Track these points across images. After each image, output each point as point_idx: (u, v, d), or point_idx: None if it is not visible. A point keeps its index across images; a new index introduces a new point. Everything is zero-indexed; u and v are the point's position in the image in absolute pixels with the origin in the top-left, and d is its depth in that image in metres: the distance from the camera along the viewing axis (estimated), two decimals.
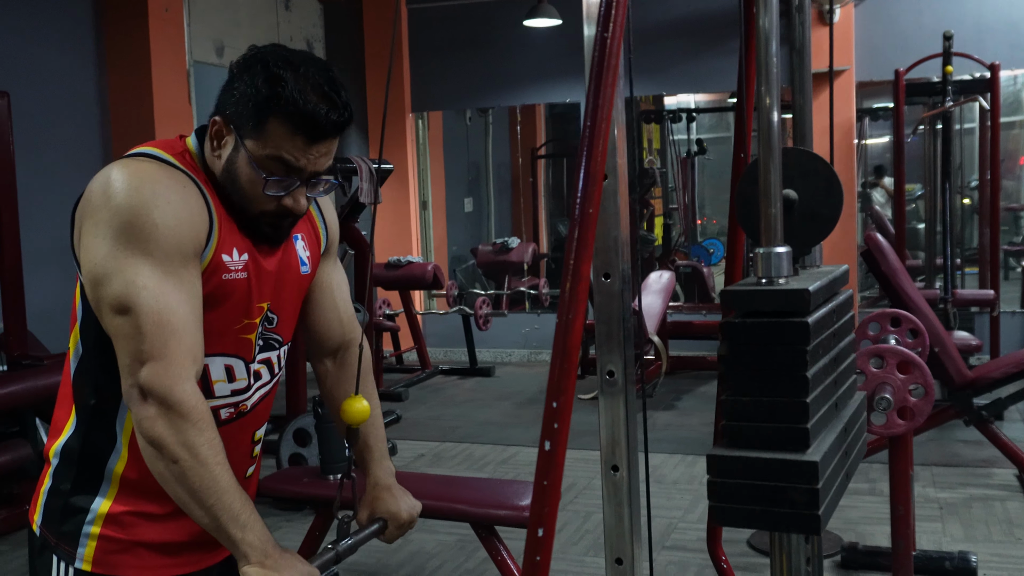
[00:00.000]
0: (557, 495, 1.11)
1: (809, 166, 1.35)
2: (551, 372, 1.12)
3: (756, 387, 1.19)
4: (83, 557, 1.45)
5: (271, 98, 1.37)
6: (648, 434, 5.46)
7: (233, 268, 1.43)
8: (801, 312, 1.17)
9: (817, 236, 1.37)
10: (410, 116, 8.36)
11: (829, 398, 1.26)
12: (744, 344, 1.20)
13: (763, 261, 1.23)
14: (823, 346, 1.23)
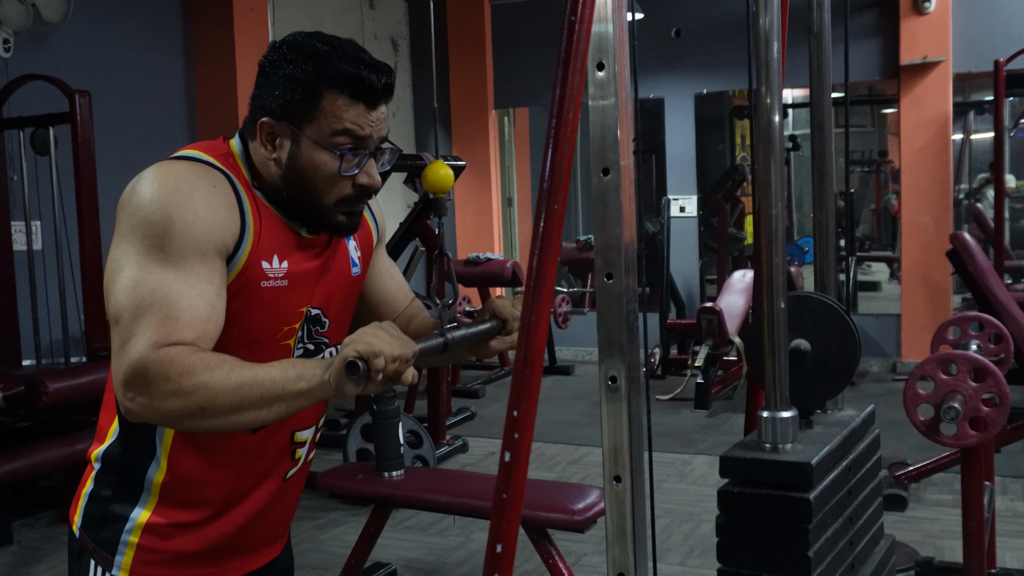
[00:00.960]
0: (518, 509, 1.05)
1: (823, 314, 1.27)
2: (513, 379, 1.07)
3: (754, 561, 1.12)
4: (120, 565, 1.44)
5: (320, 75, 1.35)
6: (722, 438, 5.41)
7: (273, 276, 1.39)
8: (803, 486, 1.10)
9: (831, 390, 1.28)
10: (493, 113, 8.34)
11: (842, 562, 1.18)
12: (742, 515, 1.13)
13: (767, 426, 1.15)
14: (832, 513, 1.16)
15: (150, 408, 1.24)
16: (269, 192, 1.43)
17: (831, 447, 1.16)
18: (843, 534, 1.18)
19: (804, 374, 1.26)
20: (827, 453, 1.14)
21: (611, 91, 1.28)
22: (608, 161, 1.29)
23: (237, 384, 1.22)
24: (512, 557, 1.05)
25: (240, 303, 1.37)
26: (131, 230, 1.30)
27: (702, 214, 7.83)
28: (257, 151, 1.42)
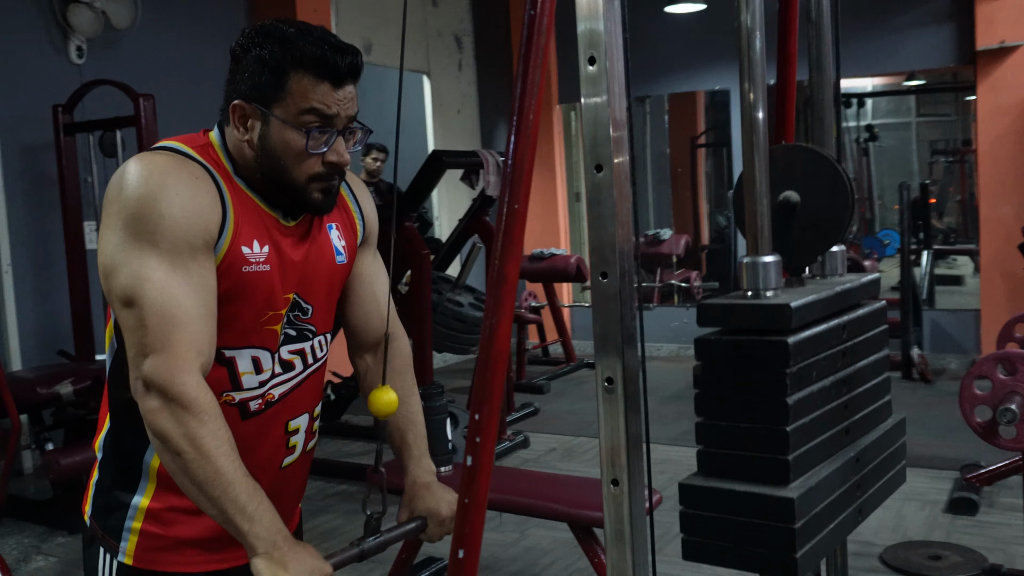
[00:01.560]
0: (481, 514, 1.03)
1: (813, 164, 1.21)
2: (474, 382, 1.05)
3: (732, 412, 1.07)
4: (125, 551, 1.48)
5: (287, 56, 1.39)
6: None
7: (254, 260, 1.42)
8: (781, 330, 1.05)
9: (822, 243, 1.22)
10: (557, 108, 8.31)
11: (833, 424, 1.12)
12: (719, 364, 1.09)
13: (748, 272, 1.10)
14: (820, 367, 1.10)
15: (149, 412, 1.32)
16: (248, 179, 1.47)
17: (818, 297, 1.10)
18: (835, 394, 1.12)
19: (795, 227, 1.20)
20: (812, 301, 1.08)
21: (602, 86, 1.26)
22: (601, 158, 1.26)
23: (212, 474, 1.30)
24: (476, 562, 1.04)
25: (226, 288, 1.41)
26: (122, 223, 1.34)
27: None
28: (231, 135, 1.46)
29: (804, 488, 1.03)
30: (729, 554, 1.06)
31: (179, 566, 1.49)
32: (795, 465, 1.04)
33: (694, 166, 9.63)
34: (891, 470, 1.26)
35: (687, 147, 9.56)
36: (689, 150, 9.57)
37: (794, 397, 1.04)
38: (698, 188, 9.58)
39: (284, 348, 1.51)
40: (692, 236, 9.20)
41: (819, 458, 1.09)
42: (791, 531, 1.00)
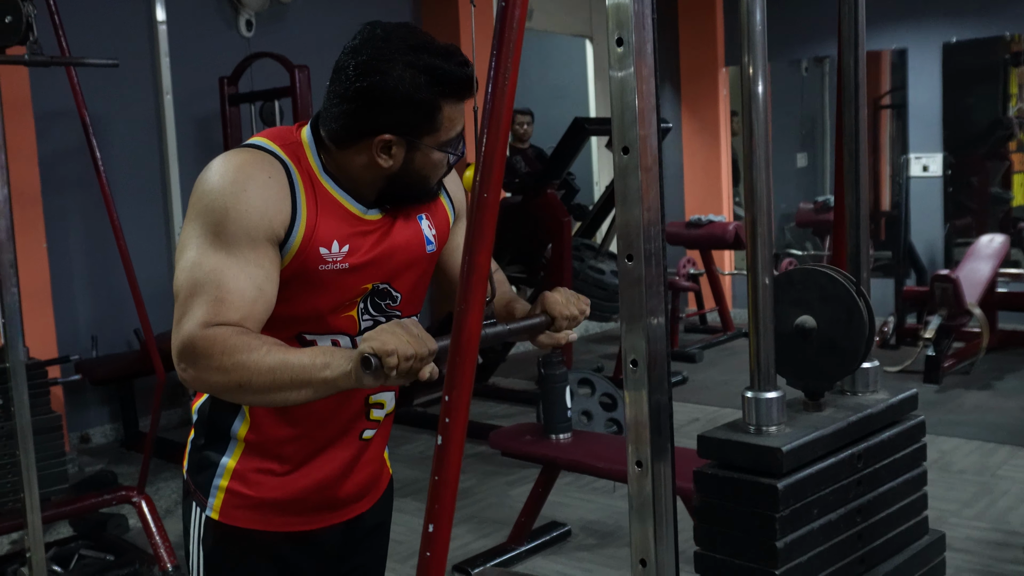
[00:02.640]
0: (451, 492, 1.06)
1: (829, 289, 1.15)
2: (447, 365, 1.07)
3: (727, 547, 1.06)
4: (212, 507, 1.59)
5: (439, 90, 1.44)
6: (949, 416, 5.08)
7: (331, 260, 1.47)
8: (772, 473, 1.02)
9: (839, 371, 1.16)
10: (723, 71, 8.09)
11: (842, 557, 1.08)
12: (714, 498, 1.07)
13: (749, 407, 1.08)
14: (824, 503, 1.06)
15: (197, 379, 1.37)
16: (337, 176, 1.51)
17: (823, 432, 1.07)
18: (845, 527, 1.09)
19: (810, 353, 1.17)
20: (813, 439, 1.05)
21: (629, 67, 1.24)
22: (628, 140, 1.25)
23: (271, 367, 1.31)
24: (446, 538, 1.07)
25: (299, 285, 1.47)
26: (196, 215, 1.43)
27: (949, 173, 7.22)
28: (356, 160, 1.49)
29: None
30: None
31: (261, 524, 1.59)
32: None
33: (876, 129, 9.16)
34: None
35: (871, 109, 9.11)
36: (872, 112, 9.12)
37: (786, 540, 1.02)
38: (880, 152, 9.12)
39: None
40: (872, 202, 8.79)
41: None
42: None
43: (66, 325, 5.08)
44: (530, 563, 3.48)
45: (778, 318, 1.19)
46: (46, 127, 4.90)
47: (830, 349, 1.15)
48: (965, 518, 3.73)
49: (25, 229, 4.78)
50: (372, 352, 1.25)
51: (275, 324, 1.47)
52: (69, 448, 5.00)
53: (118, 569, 3.40)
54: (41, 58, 2.92)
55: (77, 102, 3.44)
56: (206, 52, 5.59)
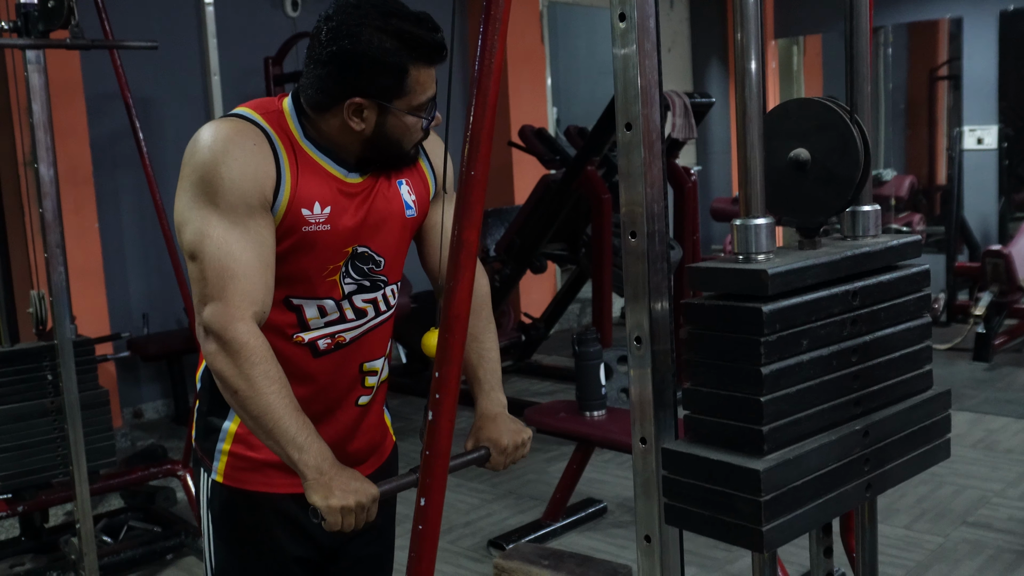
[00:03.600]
0: (443, 466, 1.08)
1: (824, 118, 1.13)
2: (438, 342, 1.08)
3: (715, 379, 1.04)
4: (217, 470, 1.66)
5: (406, 53, 1.49)
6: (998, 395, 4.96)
7: (314, 221, 1.54)
8: (757, 297, 1.01)
9: (835, 203, 1.14)
10: (773, 43, 7.96)
11: (835, 396, 1.07)
12: (702, 329, 1.06)
13: (739, 235, 1.07)
14: (814, 335, 1.04)
15: (216, 361, 1.46)
16: (317, 141, 1.57)
17: (814, 262, 1.05)
18: (838, 365, 1.06)
19: (806, 186, 1.15)
20: (802, 266, 1.03)
21: (632, 43, 1.24)
22: (630, 116, 1.25)
23: (265, 407, 1.44)
24: (439, 511, 1.09)
25: (287, 247, 1.54)
26: (191, 184, 1.50)
27: (1005, 146, 7.04)
28: (332, 123, 1.55)
29: (779, 460, 1.00)
30: (706, 522, 1.05)
31: (263, 486, 1.65)
32: (771, 436, 1.00)
33: (932, 100, 8.96)
34: (921, 445, 1.18)
35: (926, 81, 8.91)
36: (927, 83, 8.92)
37: (772, 367, 1.00)
38: (936, 124, 8.92)
39: (358, 297, 1.62)
40: (927, 176, 8.61)
41: (811, 430, 1.05)
42: (757, 503, 0.98)
43: (118, 303, 5.21)
44: (565, 539, 3.51)
45: (773, 151, 1.17)
46: (97, 108, 5.01)
47: (825, 181, 1.13)
48: (1009, 498, 3.67)
49: (77, 209, 4.90)
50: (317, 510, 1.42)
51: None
52: (122, 423, 5.14)
53: (164, 540, 3.49)
54: (82, 41, 2.98)
55: (120, 84, 3.51)
56: (252, 33, 5.66)
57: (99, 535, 3.56)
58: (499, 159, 6.66)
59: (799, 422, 1.05)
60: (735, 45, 1.07)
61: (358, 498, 1.41)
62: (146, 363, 5.28)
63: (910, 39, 8.74)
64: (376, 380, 1.70)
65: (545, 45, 7.00)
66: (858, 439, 1.10)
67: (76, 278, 4.71)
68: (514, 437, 1.67)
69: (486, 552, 3.43)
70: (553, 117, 7.76)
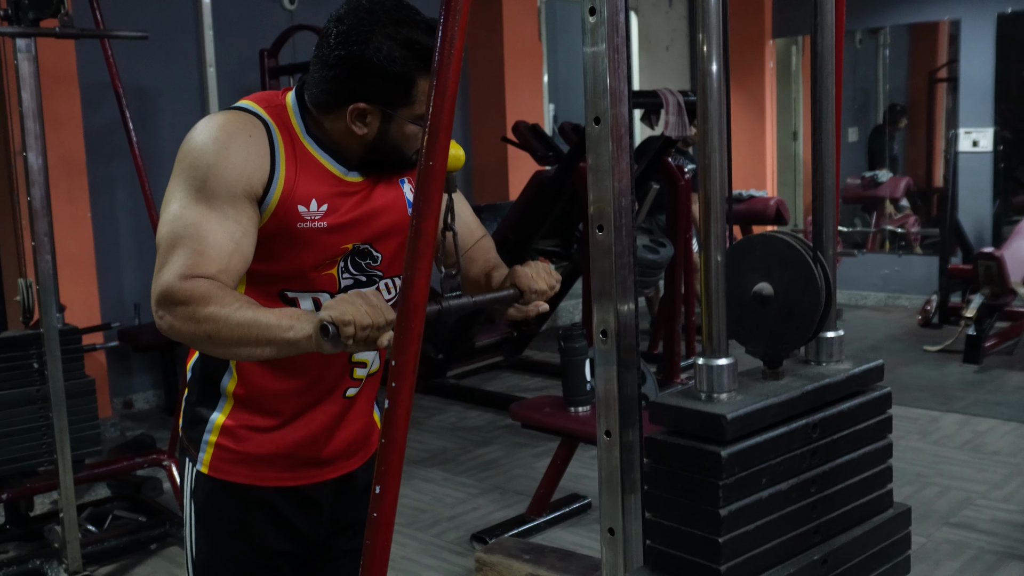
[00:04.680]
0: (398, 454, 1.08)
1: (786, 255, 1.14)
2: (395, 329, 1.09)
3: (675, 514, 1.06)
4: (202, 461, 1.65)
5: (414, 63, 1.47)
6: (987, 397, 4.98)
7: (309, 218, 1.52)
8: (717, 439, 1.02)
9: (797, 337, 1.15)
10: (770, 43, 7.96)
11: (794, 527, 1.09)
12: (664, 464, 1.07)
13: (700, 374, 1.08)
14: (774, 472, 1.06)
15: (172, 327, 1.42)
16: (320, 138, 1.56)
17: (775, 400, 1.06)
18: (797, 497, 1.08)
19: (768, 320, 1.16)
20: (763, 406, 1.05)
21: (602, 37, 1.25)
22: (599, 110, 1.26)
23: (239, 322, 1.37)
24: (394, 499, 1.09)
25: (280, 242, 1.52)
26: (180, 172, 1.49)
27: (1000, 149, 7.04)
28: (337, 126, 1.54)
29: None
30: None
31: (249, 479, 1.64)
32: (731, 574, 1.02)
33: (931, 102, 8.97)
34: (881, 566, 1.20)
35: (923, 82, 8.92)
36: (927, 85, 8.93)
37: (730, 508, 1.02)
38: (935, 127, 8.92)
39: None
40: (924, 178, 8.61)
41: (769, 563, 1.07)
42: None
43: (110, 293, 5.21)
44: (549, 534, 3.51)
45: (738, 284, 1.19)
46: (93, 98, 5.01)
47: (787, 316, 1.15)
48: (993, 500, 3.68)
49: (71, 198, 4.90)
50: (330, 320, 1.30)
51: (259, 281, 1.54)
52: (112, 413, 5.15)
53: (149, 530, 3.50)
54: (72, 30, 2.98)
55: (111, 74, 3.51)
56: (249, 24, 5.65)
57: (84, 524, 3.57)
58: (494, 155, 6.67)
59: (757, 557, 1.06)
60: (697, 48, 1.07)
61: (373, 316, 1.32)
62: (138, 353, 5.29)
63: (910, 41, 8.74)
64: (365, 372, 1.69)
65: (543, 42, 7.00)
66: (817, 568, 1.11)
67: (68, 268, 4.71)
68: (550, 278, 1.62)
69: (469, 546, 3.44)
70: (550, 114, 7.77)
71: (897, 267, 7.48)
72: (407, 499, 3.91)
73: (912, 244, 7.84)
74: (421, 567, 3.35)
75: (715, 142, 1.08)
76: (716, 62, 1.06)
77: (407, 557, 3.41)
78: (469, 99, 6.85)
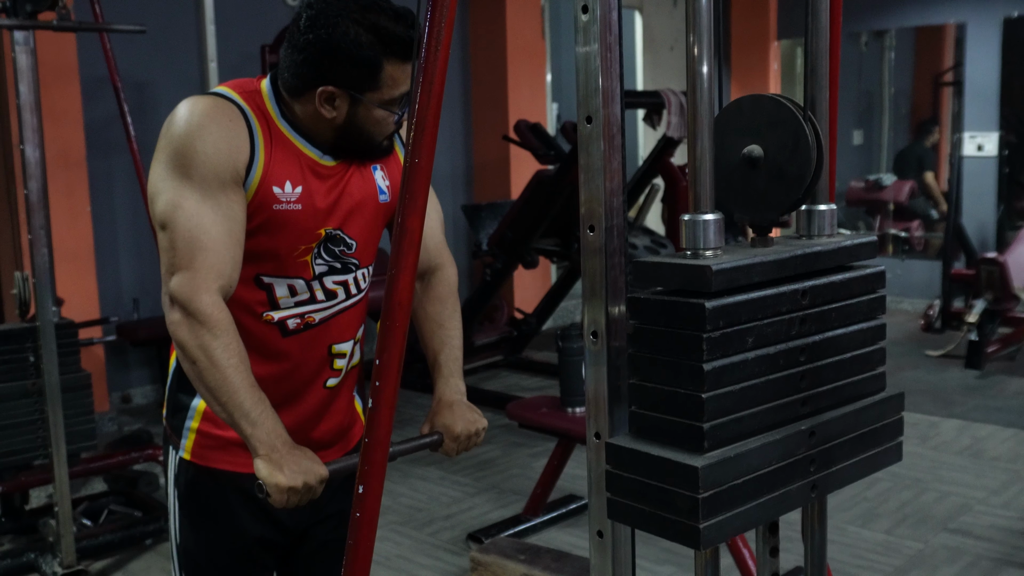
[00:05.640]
0: (382, 454, 1.07)
1: (776, 115, 1.12)
2: (379, 329, 1.08)
3: (659, 374, 1.03)
4: (184, 448, 1.66)
5: (381, 48, 1.50)
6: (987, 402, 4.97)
7: (285, 200, 1.55)
8: (700, 292, 1.00)
9: (786, 200, 1.13)
10: (775, 44, 7.94)
11: (781, 395, 1.06)
12: (647, 323, 1.05)
13: (687, 230, 1.05)
14: (760, 333, 1.03)
15: (177, 330, 1.47)
16: (294, 122, 1.58)
17: (761, 259, 1.03)
18: (785, 364, 1.06)
19: (758, 183, 1.14)
20: (748, 264, 1.01)
21: (594, 35, 1.23)
22: (590, 109, 1.24)
23: (224, 380, 1.44)
24: (377, 499, 1.08)
25: (258, 224, 1.55)
26: (166, 158, 1.51)
27: (1005, 153, 7.02)
28: (306, 108, 1.56)
29: (719, 458, 0.99)
30: (646, 518, 1.04)
31: (229, 465, 1.65)
32: (712, 433, 1.00)
33: (937, 106, 8.94)
34: (871, 448, 1.17)
35: (929, 86, 8.89)
36: (932, 88, 8.91)
37: (714, 364, 0.99)
38: (941, 130, 8.89)
39: (329, 279, 1.62)
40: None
41: (754, 428, 1.04)
42: (695, 500, 0.97)
43: (108, 287, 5.20)
44: (544, 535, 3.50)
45: (726, 148, 1.16)
46: (93, 92, 5.00)
47: (777, 177, 1.12)
48: (992, 506, 3.66)
49: (69, 192, 4.89)
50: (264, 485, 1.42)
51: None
52: (110, 408, 5.14)
53: (144, 525, 3.49)
54: (69, 23, 2.97)
55: (110, 67, 3.50)
56: (251, 19, 5.64)
57: (79, 518, 3.56)
58: (495, 153, 6.65)
59: (741, 420, 1.04)
60: (687, 48, 1.06)
61: (306, 478, 1.42)
62: (136, 348, 5.28)
63: (915, 43, 8.72)
64: (345, 363, 1.70)
65: (546, 40, 6.98)
66: (804, 439, 1.09)
67: (66, 261, 4.70)
68: (468, 426, 1.67)
69: (465, 545, 3.43)
70: (553, 113, 7.75)
71: (900, 271, 7.46)
72: (403, 497, 3.90)
73: (915, 247, 7.82)
74: (416, 566, 3.34)
75: (705, 143, 1.06)
76: (707, 63, 1.04)
77: (402, 556, 3.40)
78: (471, 97, 6.84)
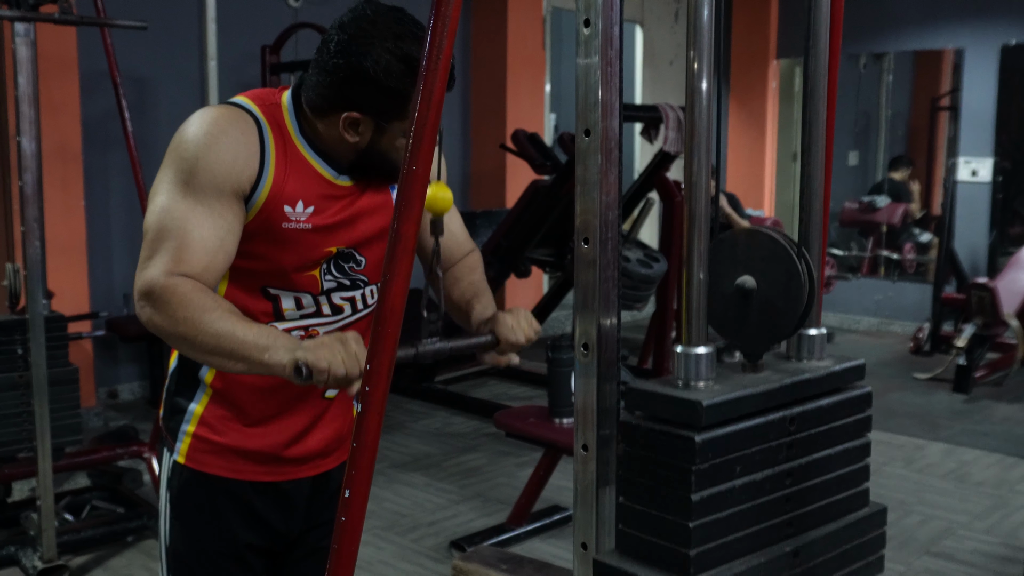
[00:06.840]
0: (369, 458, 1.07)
1: (770, 250, 1.13)
2: (371, 334, 1.08)
3: (648, 498, 1.05)
4: (179, 451, 1.65)
5: (411, 78, 1.45)
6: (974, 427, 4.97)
7: (294, 219, 1.52)
8: (692, 425, 1.01)
9: (778, 332, 1.14)
10: (774, 63, 7.97)
11: (766, 518, 1.08)
12: (638, 449, 1.06)
13: (679, 361, 1.07)
14: (748, 461, 1.05)
15: (151, 321, 1.42)
16: (312, 140, 1.56)
17: (752, 391, 1.05)
18: (771, 489, 1.08)
19: (750, 314, 1.15)
20: (740, 396, 1.04)
21: (595, 49, 1.24)
22: (589, 122, 1.25)
23: (217, 332, 1.37)
24: (363, 503, 1.08)
25: (264, 240, 1.52)
26: (170, 163, 1.49)
27: (999, 180, 7.05)
28: (330, 130, 1.54)
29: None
30: None
31: (224, 471, 1.64)
32: (699, 560, 1.02)
33: (933, 131, 8.98)
34: (854, 562, 1.19)
35: (926, 110, 8.93)
36: (929, 112, 8.94)
37: (702, 494, 1.01)
38: (936, 155, 8.93)
39: (336, 294, 1.61)
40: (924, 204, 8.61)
41: (740, 551, 1.06)
42: None
43: (100, 282, 5.19)
44: (527, 545, 3.50)
45: (720, 277, 1.18)
46: (92, 86, 4.99)
47: (769, 311, 1.14)
48: (975, 531, 3.67)
49: (64, 185, 4.88)
50: (305, 363, 1.32)
51: (243, 276, 1.54)
52: (96, 403, 5.12)
53: (126, 522, 3.48)
54: (71, 17, 2.97)
55: (110, 62, 3.50)
56: (253, 19, 5.65)
57: (61, 512, 3.54)
58: (492, 162, 6.66)
59: (728, 545, 1.05)
60: (687, 64, 1.06)
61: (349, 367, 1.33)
62: (124, 344, 5.27)
63: (914, 67, 8.76)
64: None
65: (547, 51, 7.00)
66: (788, 560, 1.10)
67: (58, 255, 4.69)
68: (527, 329, 1.59)
69: (447, 553, 3.42)
70: (551, 123, 7.76)
71: (891, 292, 7.49)
72: (387, 503, 3.89)
73: (907, 269, 7.84)
74: (398, 572, 3.33)
75: (702, 160, 1.07)
76: (706, 80, 1.05)
77: (384, 561, 3.39)
78: (470, 105, 6.85)
